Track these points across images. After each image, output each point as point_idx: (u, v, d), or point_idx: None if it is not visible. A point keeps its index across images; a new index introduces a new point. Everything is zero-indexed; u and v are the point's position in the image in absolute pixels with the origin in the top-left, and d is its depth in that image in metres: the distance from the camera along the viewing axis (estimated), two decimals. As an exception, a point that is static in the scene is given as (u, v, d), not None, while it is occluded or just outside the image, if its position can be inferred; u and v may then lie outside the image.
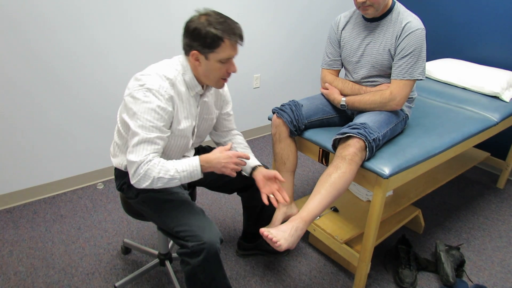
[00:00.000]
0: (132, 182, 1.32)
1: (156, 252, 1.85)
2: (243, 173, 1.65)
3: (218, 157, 1.35)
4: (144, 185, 1.31)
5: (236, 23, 1.36)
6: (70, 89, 2.29)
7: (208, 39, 1.28)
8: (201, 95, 1.48)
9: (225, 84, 1.51)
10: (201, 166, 1.34)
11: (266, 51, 3.12)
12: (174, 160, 1.36)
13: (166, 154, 1.47)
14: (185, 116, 1.42)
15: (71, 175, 2.49)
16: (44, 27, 2.08)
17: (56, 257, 1.94)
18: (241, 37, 1.36)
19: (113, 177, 2.65)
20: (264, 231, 1.39)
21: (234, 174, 1.38)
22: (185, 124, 1.43)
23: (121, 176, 1.51)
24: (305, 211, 1.47)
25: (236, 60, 2.89)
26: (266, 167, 1.63)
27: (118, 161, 1.51)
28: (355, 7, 1.76)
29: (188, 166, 1.33)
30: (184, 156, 1.55)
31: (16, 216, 2.24)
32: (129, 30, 2.37)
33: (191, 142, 1.52)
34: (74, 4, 2.12)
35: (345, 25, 1.81)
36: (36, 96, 2.19)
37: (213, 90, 1.56)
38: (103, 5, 2.22)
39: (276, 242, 1.37)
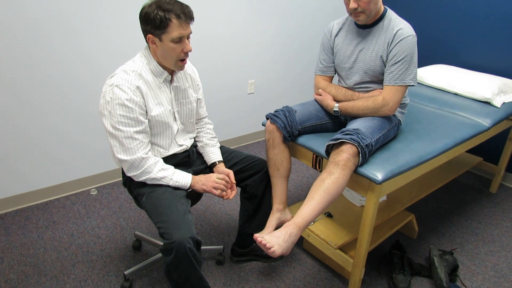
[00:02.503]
0: (129, 175, 1.53)
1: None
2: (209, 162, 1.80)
3: (200, 177, 1.60)
4: (141, 179, 1.53)
5: (185, 5, 1.43)
6: (63, 95, 2.28)
7: (157, 20, 1.38)
8: (171, 81, 1.59)
9: (192, 67, 1.72)
10: (191, 182, 1.58)
11: (261, 57, 3.13)
12: (173, 169, 1.56)
13: (155, 142, 1.60)
14: (157, 103, 1.53)
15: (64, 181, 2.48)
16: (38, 33, 2.08)
17: (48, 264, 1.92)
18: (187, 16, 1.42)
19: (107, 183, 2.65)
20: (257, 236, 1.39)
21: (211, 189, 1.59)
22: (157, 110, 1.53)
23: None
24: (299, 217, 1.47)
25: (231, 66, 2.95)
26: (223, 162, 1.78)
27: (116, 161, 1.61)
28: (347, 15, 1.77)
29: (182, 179, 1.56)
30: (180, 145, 1.68)
31: (7, 222, 2.21)
32: (120, 37, 2.37)
33: (176, 127, 1.63)
34: (66, 13, 2.13)
35: (338, 32, 1.83)
36: (29, 102, 2.18)
37: (182, 74, 1.65)
38: (98, 14, 2.23)
39: (270, 248, 1.37)
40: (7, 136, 2.18)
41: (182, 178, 1.56)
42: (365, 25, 1.72)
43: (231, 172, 1.70)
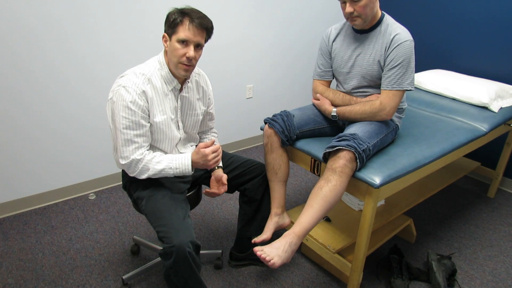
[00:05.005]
0: (131, 175, 1.53)
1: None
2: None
3: (196, 158, 1.54)
4: (142, 177, 1.52)
5: (206, 16, 1.47)
6: (60, 100, 2.29)
7: (171, 19, 1.44)
8: (180, 90, 1.59)
9: (207, 80, 1.72)
10: (192, 165, 1.54)
11: (259, 62, 3.15)
12: (170, 157, 1.54)
13: (158, 147, 1.61)
14: (160, 110, 1.54)
15: (63, 185, 2.48)
16: (31, 39, 2.09)
17: (46, 269, 1.92)
18: (201, 24, 1.44)
19: (105, 187, 2.65)
20: (257, 250, 1.43)
21: (215, 165, 1.56)
22: (160, 117, 1.54)
23: (126, 175, 1.62)
24: (298, 225, 1.50)
25: (230, 71, 2.97)
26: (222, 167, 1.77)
27: (117, 162, 1.63)
28: (345, 20, 1.79)
29: (181, 165, 1.53)
30: (181, 152, 1.68)
31: (6, 227, 2.21)
32: (114, 42, 2.38)
33: (178, 135, 1.63)
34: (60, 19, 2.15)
35: (336, 36, 1.84)
36: (26, 107, 2.19)
37: (194, 85, 1.66)
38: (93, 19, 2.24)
39: (269, 261, 1.40)
40: (4, 141, 2.18)
41: (181, 164, 1.53)
42: (363, 30, 1.73)
43: (224, 176, 1.70)
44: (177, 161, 1.53)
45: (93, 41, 2.28)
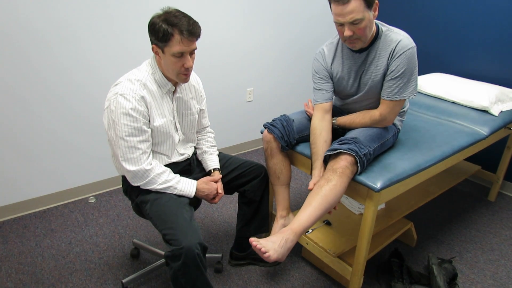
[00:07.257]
0: (133, 184, 1.54)
1: (163, 253, 1.91)
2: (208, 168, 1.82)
3: (203, 187, 1.63)
4: (146, 187, 1.54)
5: (193, 21, 1.41)
6: (61, 103, 2.29)
7: (160, 33, 1.38)
8: (174, 92, 1.59)
9: (197, 78, 1.73)
10: (196, 192, 1.61)
11: (259, 66, 3.15)
12: (177, 178, 1.58)
13: (158, 151, 1.61)
14: (159, 113, 1.54)
15: (63, 189, 2.47)
16: (39, 42, 2.10)
17: (46, 273, 1.91)
18: (191, 33, 1.39)
19: (105, 190, 2.65)
20: (253, 240, 1.39)
21: (213, 198, 1.68)
22: (160, 121, 1.54)
23: (127, 180, 1.61)
24: (295, 223, 1.47)
25: (230, 74, 2.96)
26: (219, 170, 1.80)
27: (118, 168, 1.64)
28: (335, 35, 1.72)
29: (186, 189, 1.59)
30: (181, 154, 1.70)
31: (5, 230, 2.21)
32: (119, 43, 2.39)
33: (177, 137, 1.64)
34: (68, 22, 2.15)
35: (333, 59, 1.75)
36: (26, 110, 2.19)
37: (186, 85, 1.66)
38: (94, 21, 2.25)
39: (265, 253, 1.37)
40: (4, 144, 2.18)
41: (186, 187, 1.59)
42: (361, 48, 1.63)
43: (220, 185, 1.72)
44: (183, 184, 1.58)
45: (100, 43, 2.28)
